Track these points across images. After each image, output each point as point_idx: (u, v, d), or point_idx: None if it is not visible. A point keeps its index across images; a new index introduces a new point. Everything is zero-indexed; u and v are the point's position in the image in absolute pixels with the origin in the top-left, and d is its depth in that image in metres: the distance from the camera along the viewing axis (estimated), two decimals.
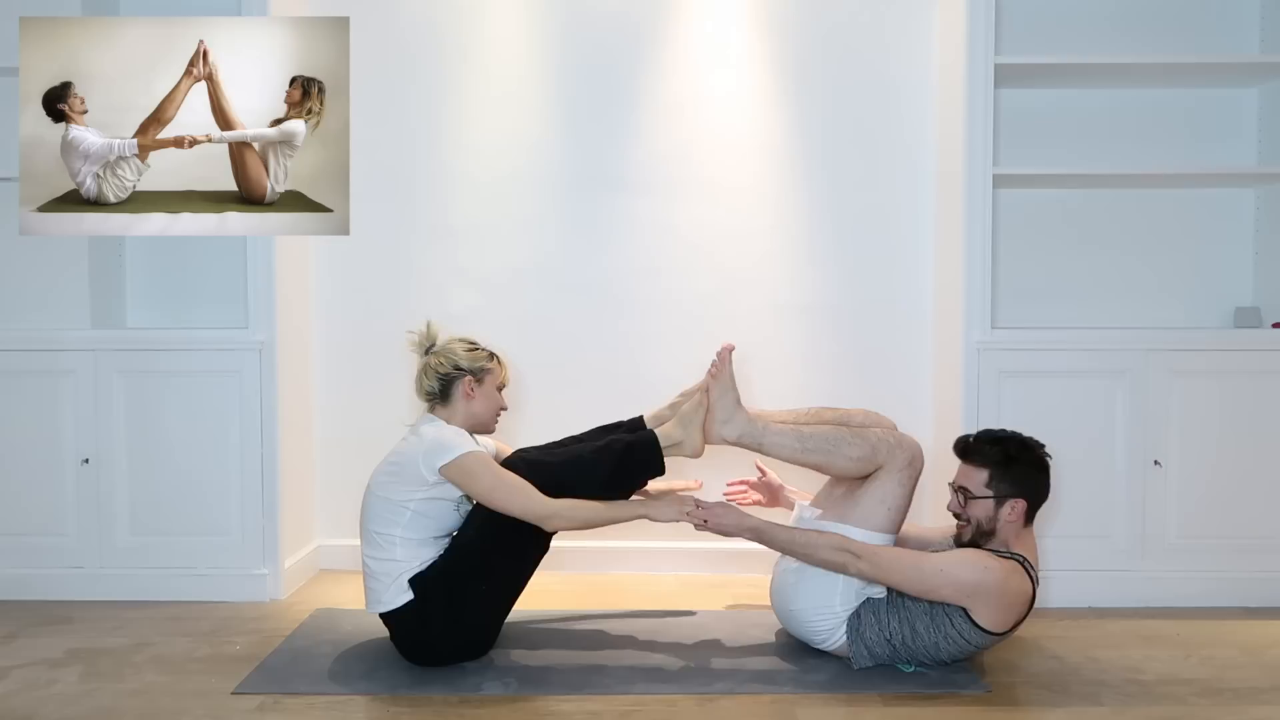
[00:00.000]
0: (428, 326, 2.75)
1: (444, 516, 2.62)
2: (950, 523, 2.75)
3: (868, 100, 3.52)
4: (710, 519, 2.61)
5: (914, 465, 2.61)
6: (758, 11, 3.52)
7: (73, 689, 2.50)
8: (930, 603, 2.52)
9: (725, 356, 2.76)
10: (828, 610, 2.59)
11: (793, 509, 2.93)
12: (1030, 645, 2.82)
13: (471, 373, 2.69)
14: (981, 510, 2.56)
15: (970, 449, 2.61)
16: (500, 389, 2.76)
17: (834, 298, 3.55)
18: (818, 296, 3.56)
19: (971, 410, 3.13)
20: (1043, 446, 2.63)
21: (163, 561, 3.22)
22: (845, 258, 3.55)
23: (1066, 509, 3.16)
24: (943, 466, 3.25)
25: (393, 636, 2.64)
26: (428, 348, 2.73)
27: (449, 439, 2.57)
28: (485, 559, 2.57)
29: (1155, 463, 3.15)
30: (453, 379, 2.68)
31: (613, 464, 2.65)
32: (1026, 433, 3.08)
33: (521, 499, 2.53)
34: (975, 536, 2.59)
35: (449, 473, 2.53)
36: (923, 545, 2.78)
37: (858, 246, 3.54)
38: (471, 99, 3.54)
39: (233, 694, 2.45)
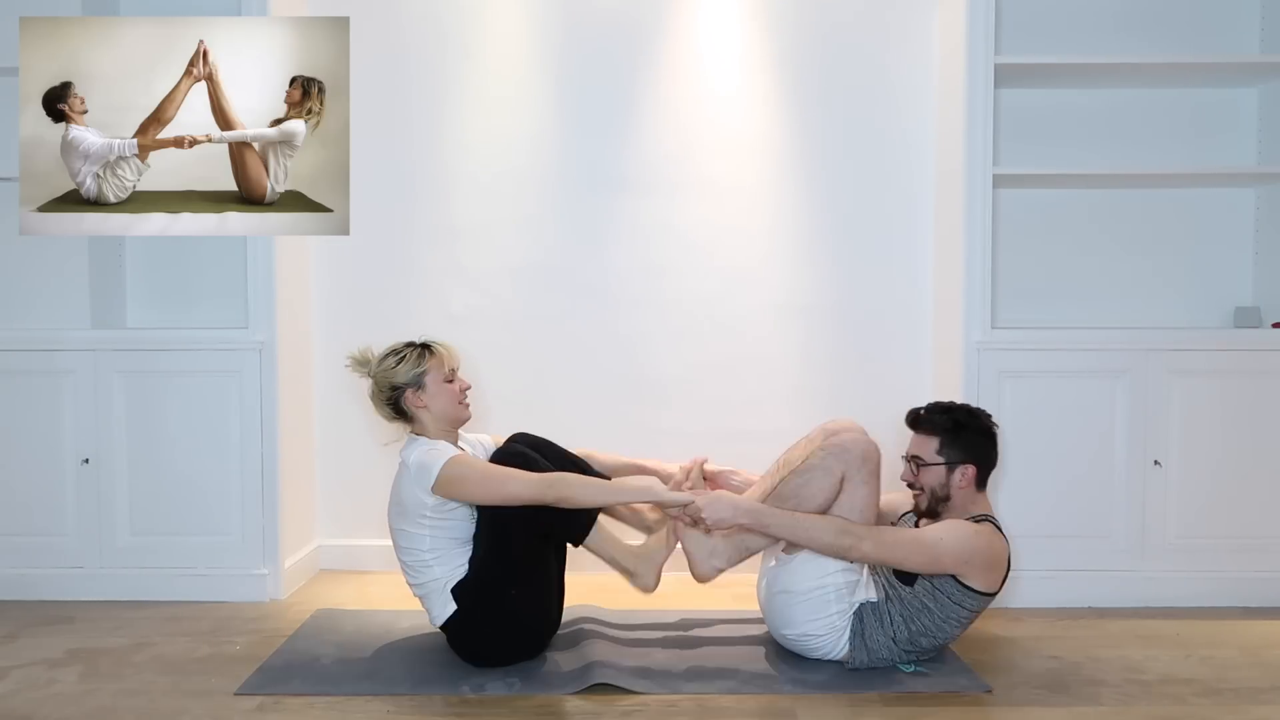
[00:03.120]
0: (360, 351, 2.70)
1: (463, 521, 2.62)
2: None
3: (868, 100, 3.52)
4: (707, 510, 2.57)
5: (869, 461, 2.60)
6: (758, 11, 3.52)
7: (73, 689, 2.50)
8: (930, 586, 2.53)
9: (696, 476, 2.78)
10: (827, 625, 2.58)
11: (731, 488, 2.91)
12: (1030, 645, 2.82)
13: (409, 385, 2.64)
14: (934, 477, 2.62)
15: (921, 419, 2.68)
16: (451, 378, 2.68)
17: (834, 298, 3.55)
18: (818, 296, 3.55)
19: None
20: (989, 415, 2.68)
21: (163, 561, 3.22)
22: (845, 258, 3.55)
23: (1067, 509, 3.16)
24: None
25: (450, 643, 2.66)
26: (366, 370, 2.69)
27: (426, 459, 2.56)
28: (502, 566, 2.56)
29: (1155, 463, 3.15)
30: (397, 398, 2.65)
31: (548, 511, 2.58)
32: (1026, 432, 3.10)
33: (516, 483, 2.51)
34: (932, 504, 2.64)
35: (441, 491, 2.53)
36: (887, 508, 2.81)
37: (858, 246, 3.54)
38: (472, 98, 3.54)
39: (235, 694, 2.45)
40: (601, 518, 2.70)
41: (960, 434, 2.62)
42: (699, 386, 3.50)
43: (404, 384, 2.64)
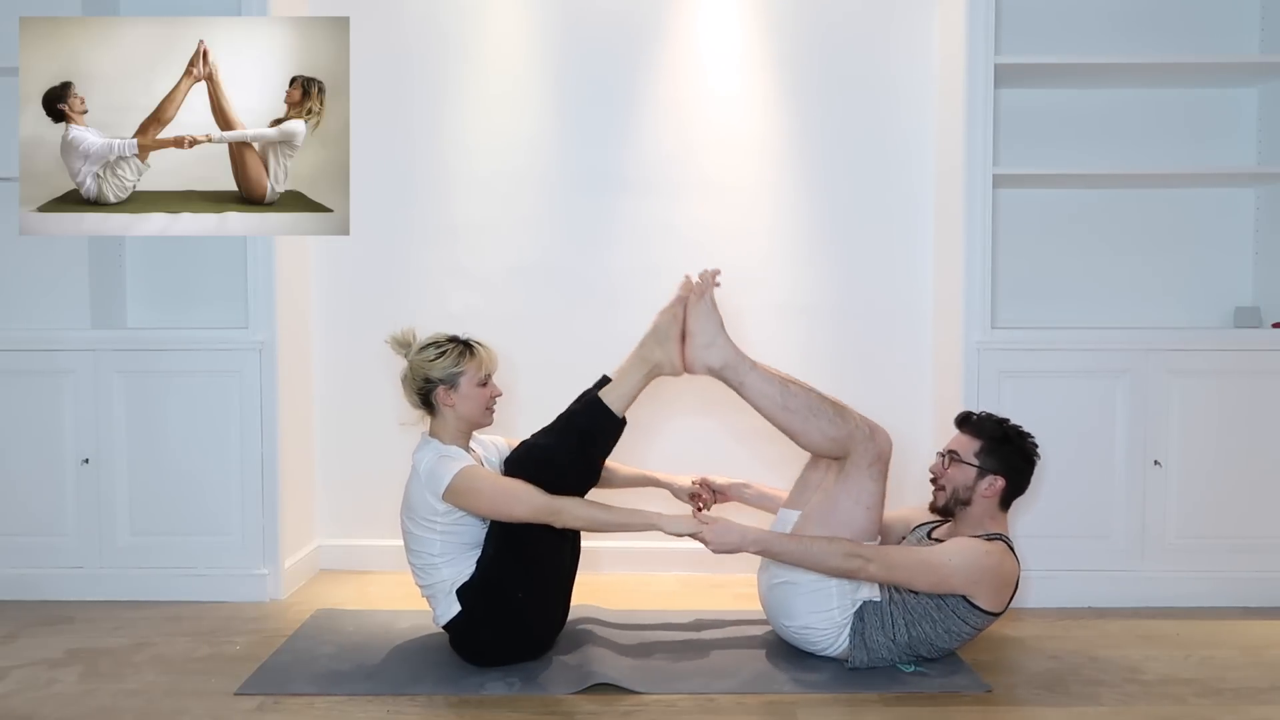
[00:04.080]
0: (402, 332, 2.70)
1: (474, 526, 2.61)
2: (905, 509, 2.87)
3: (868, 100, 3.52)
4: (713, 539, 2.54)
5: (883, 459, 2.60)
6: (758, 11, 3.52)
7: (73, 689, 2.50)
8: (936, 599, 2.53)
9: (709, 279, 2.66)
10: (827, 619, 2.58)
11: (744, 500, 2.94)
12: (1030, 645, 2.82)
13: (443, 381, 2.62)
14: (962, 477, 2.62)
15: (971, 420, 2.69)
16: (485, 381, 2.66)
17: (834, 298, 3.55)
18: (818, 296, 3.56)
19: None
20: (1037, 445, 2.67)
21: (163, 561, 3.22)
22: (845, 258, 3.55)
23: (1066, 509, 3.16)
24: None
25: (451, 643, 2.66)
26: (405, 353, 2.69)
27: (437, 468, 2.55)
28: (511, 570, 2.56)
29: (1155, 463, 3.15)
30: (428, 390, 2.64)
31: (574, 437, 2.61)
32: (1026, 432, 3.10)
33: (522, 506, 2.50)
34: (950, 503, 2.65)
35: (450, 500, 2.53)
36: (889, 527, 2.83)
37: (858, 246, 3.55)
38: (472, 98, 3.54)
39: (235, 694, 2.45)
40: (609, 397, 2.67)
41: (1004, 446, 2.62)
42: (699, 386, 3.48)
43: (438, 379, 2.62)
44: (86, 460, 3.21)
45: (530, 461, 2.59)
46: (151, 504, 3.22)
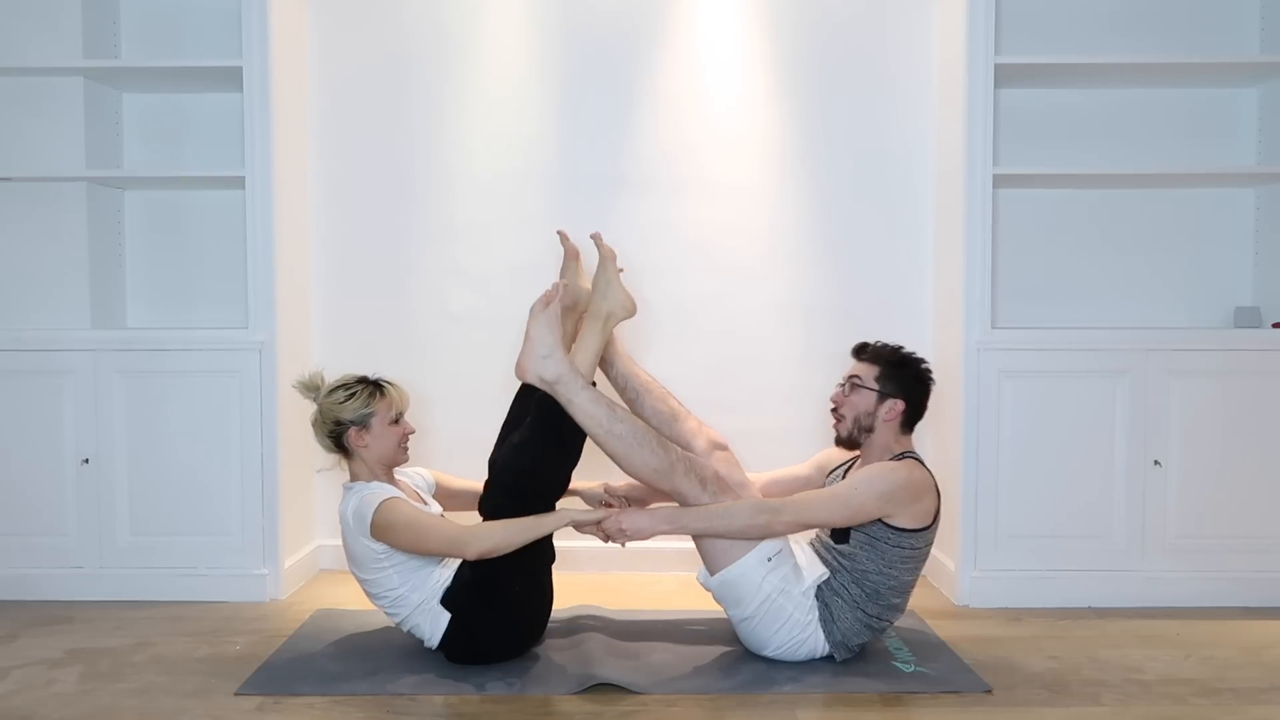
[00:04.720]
0: (309, 376, 2.67)
1: None
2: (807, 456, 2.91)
3: (868, 100, 3.52)
4: (625, 526, 2.56)
5: (715, 479, 2.60)
6: (758, 11, 3.52)
7: (73, 689, 2.50)
8: (865, 538, 2.54)
9: (554, 293, 2.65)
10: (795, 626, 2.57)
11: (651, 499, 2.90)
12: (1030, 645, 2.82)
13: (354, 423, 2.61)
14: (863, 402, 2.65)
15: (867, 348, 2.72)
16: (396, 420, 2.66)
17: (834, 298, 3.56)
18: (818, 296, 3.56)
19: (972, 410, 3.13)
20: (930, 370, 2.71)
21: (163, 561, 3.22)
22: (845, 257, 3.55)
23: (1066, 509, 3.16)
24: (934, 467, 3.26)
25: (449, 656, 2.63)
26: (313, 396, 2.66)
27: (361, 509, 2.54)
28: (506, 565, 2.53)
29: (1155, 463, 3.15)
30: (339, 433, 2.62)
31: (552, 427, 2.58)
32: (1026, 432, 3.11)
33: (437, 540, 2.49)
34: (854, 431, 2.67)
35: (377, 536, 2.52)
36: (793, 479, 2.87)
37: (858, 246, 3.55)
38: (472, 99, 3.54)
39: (235, 694, 2.45)
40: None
41: (901, 369, 2.67)
42: (698, 386, 3.49)
43: (349, 420, 2.61)
44: (86, 460, 3.21)
45: (520, 454, 2.58)
46: (151, 504, 3.22)
